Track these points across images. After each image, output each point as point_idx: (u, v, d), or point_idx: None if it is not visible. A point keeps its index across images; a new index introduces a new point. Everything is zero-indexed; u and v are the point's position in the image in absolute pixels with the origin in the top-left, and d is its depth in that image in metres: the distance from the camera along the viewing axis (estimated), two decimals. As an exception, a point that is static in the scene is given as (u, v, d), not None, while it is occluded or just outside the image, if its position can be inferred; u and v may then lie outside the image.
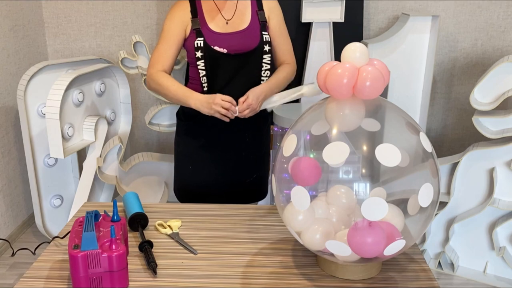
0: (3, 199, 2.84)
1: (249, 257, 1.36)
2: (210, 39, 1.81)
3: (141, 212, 1.49)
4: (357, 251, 1.12)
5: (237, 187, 1.99)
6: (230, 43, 1.82)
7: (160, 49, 1.86)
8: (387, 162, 1.09)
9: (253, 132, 1.99)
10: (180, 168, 2.05)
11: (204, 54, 1.81)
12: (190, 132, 1.98)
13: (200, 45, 1.81)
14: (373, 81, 1.14)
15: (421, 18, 2.77)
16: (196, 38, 1.81)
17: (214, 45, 1.81)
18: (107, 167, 2.71)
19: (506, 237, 2.48)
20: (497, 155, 2.40)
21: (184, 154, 2.02)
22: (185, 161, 2.02)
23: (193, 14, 1.84)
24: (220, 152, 1.96)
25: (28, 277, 1.28)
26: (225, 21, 1.84)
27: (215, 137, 1.94)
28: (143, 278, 1.27)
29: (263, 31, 1.86)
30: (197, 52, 1.81)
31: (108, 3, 3.17)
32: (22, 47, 3.00)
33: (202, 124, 1.92)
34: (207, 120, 1.85)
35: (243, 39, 1.83)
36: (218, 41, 1.82)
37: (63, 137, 2.44)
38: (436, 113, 3.23)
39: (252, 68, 1.86)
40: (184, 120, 1.99)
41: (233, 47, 1.82)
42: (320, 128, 1.21)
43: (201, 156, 1.97)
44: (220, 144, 1.95)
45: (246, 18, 1.86)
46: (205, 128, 1.93)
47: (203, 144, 1.96)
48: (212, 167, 1.97)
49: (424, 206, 1.14)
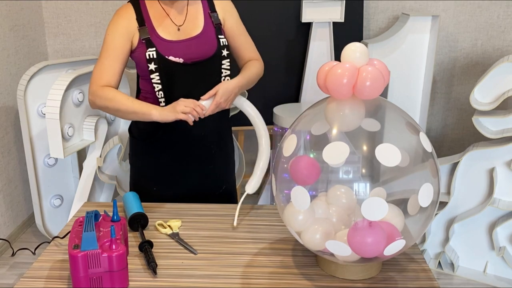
0: (3, 199, 2.84)
1: (249, 257, 1.36)
2: (163, 48, 1.62)
3: (141, 212, 1.49)
4: (357, 251, 1.12)
5: (206, 201, 1.75)
6: (185, 51, 1.64)
7: (104, 64, 1.63)
8: (387, 162, 1.09)
9: (218, 142, 1.81)
10: (141, 189, 1.78)
11: (158, 66, 1.62)
12: (149, 151, 1.77)
13: (153, 56, 1.61)
14: (373, 81, 1.14)
15: (421, 18, 2.77)
16: (146, 49, 1.61)
17: (169, 55, 1.62)
18: (107, 167, 2.71)
19: (506, 237, 2.48)
20: (497, 155, 2.40)
21: (144, 175, 1.81)
22: (146, 183, 1.80)
23: (140, 22, 1.63)
24: (186, 168, 1.77)
25: (28, 277, 1.28)
26: (176, 27, 1.66)
27: (179, 153, 1.75)
28: (143, 278, 1.27)
29: (218, 34, 1.69)
30: (150, 64, 1.62)
31: (108, 3, 3.17)
32: (22, 47, 3.00)
33: (162, 141, 1.73)
34: (167, 136, 1.70)
35: (198, 46, 1.66)
36: (172, 50, 1.63)
37: (63, 137, 2.44)
38: (436, 113, 3.23)
39: (212, 76, 1.69)
40: (140, 139, 1.78)
41: (189, 55, 1.64)
42: (320, 128, 1.21)
43: (165, 175, 1.78)
44: (186, 159, 1.76)
45: (198, 23, 1.68)
46: (166, 144, 1.74)
47: (166, 162, 1.76)
48: (179, 185, 1.79)
49: (424, 206, 1.14)
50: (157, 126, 1.66)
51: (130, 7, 1.65)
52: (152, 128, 1.68)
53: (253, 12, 2.84)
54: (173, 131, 1.70)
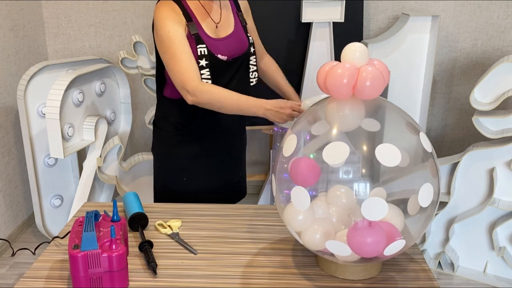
0: (3, 199, 2.84)
1: (249, 257, 1.36)
2: (211, 46, 1.67)
3: (141, 212, 1.49)
4: (357, 251, 1.12)
5: (225, 188, 1.92)
6: (228, 49, 1.71)
7: (184, 59, 1.61)
8: (387, 162, 1.09)
9: (239, 131, 1.93)
10: (171, 180, 1.89)
11: (208, 62, 1.65)
12: (184, 142, 1.83)
13: (204, 53, 1.64)
14: (373, 81, 1.14)
15: (421, 18, 2.77)
16: (197, 45, 1.64)
17: (217, 53, 1.67)
18: (107, 167, 2.71)
19: (506, 237, 2.48)
20: (497, 155, 2.40)
21: (177, 166, 1.87)
22: (178, 174, 1.87)
23: (187, 17, 1.65)
24: (214, 158, 1.87)
25: (28, 277, 1.28)
26: (215, 25, 1.71)
27: (211, 144, 1.84)
28: (143, 278, 1.27)
29: (246, 33, 1.79)
30: (201, 61, 1.64)
31: (108, 3, 3.17)
32: (22, 47, 3.00)
33: (193, 132, 1.80)
34: (198, 128, 1.78)
35: (236, 44, 1.74)
36: (219, 48, 1.69)
37: (63, 137, 2.44)
38: (436, 113, 3.23)
39: (244, 72, 1.78)
40: (170, 131, 1.83)
41: (231, 53, 1.71)
42: (320, 128, 1.21)
43: (196, 165, 1.86)
44: (213, 149, 1.86)
45: (230, 21, 1.76)
46: (196, 136, 1.81)
47: (196, 152, 1.84)
48: (205, 174, 1.88)
49: (424, 206, 1.14)
50: (189, 118, 1.75)
51: (173, 3, 1.65)
52: (183, 121, 1.75)
53: (253, 12, 2.83)
54: (204, 122, 1.77)
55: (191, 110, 1.72)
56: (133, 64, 2.72)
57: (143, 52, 2.71)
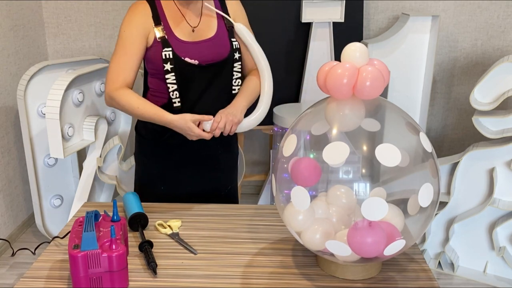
0: (3, 199, 2.84)
1: (249, 257, 1.36)
2: (179, 49, 1.61)
3: (141, 212, 1.49)
4: (357, 251, 1.12)
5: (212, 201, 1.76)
6: (201, 53, 1.64)
7: (120, 61, 1.60)
8: (387, 162, 1.09)
9: (224, 144, 1.80)
10: (147, 187, 1.82)
11: (174, 66, 1.60)
12: (157, 150, 1.77)
13: (169, 56, 1.60)
14: (373, 81, 1.14)
15: (421, 18, 2.77)
16: (162, 48, 1.60)
17: (185, 56, 1.61)
18: (107, 167, 2.71)
19: (506, 237, 2.48)
20: (497, 155, 2.40)
21: (151, 174, 1.81)
22: (153, 182, 1.80)
23: (156, 20, 1.61)
24: (193, 168, 1.78)
25: (28, 277, 1.28)
26: (191, 29, 1.65)
27: (186, 154, 1.75)
28: (143, 278, 1.27)
29: (231, 37, 1.69)
30: (166, 64, 1.60)
31: (108, 3, 3.17)
32: (22, 47, 3.00)
33: (170, 141, 1.73)
34: (175, 137, 1.66)
35: (213, 48, 1.66)
36: (188, 52, 1.62)
37: (63, 137, 2.44)
38: (436, 113, 3.23)
39: (224, 78, 1.69)
40: (147, 138, 1.78)
41: (204, 58, 1.64)
42: (320, 128, 1.21)
43: (172, 175, 1.78)
44: (193, 160, 1.76)
45: (212, 25, 1.68)
46: (174, 145, 1.73)
47: (174, 162, 1.76)
48: (185, 185, 1.79)
49: (424, 206, 1.14)
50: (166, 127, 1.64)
51: (145, 4, 1.63)
52: (161, 128, 1.66)
53: (253, 12, 2.83)
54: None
55: None
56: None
57: (143, 52, 2.71)
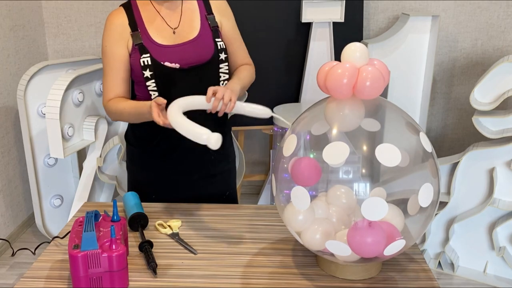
0: (3, 199, 2.84)
1: (249, 257, 1.36)
2: (157, 54, 1.55)
3: (141, 212, 1.49)
4: (357, 251, 1.12)
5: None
6: (181, 56, 1.57)
7: (107, 78, 1.58)
8: (387, 162, 1.09)
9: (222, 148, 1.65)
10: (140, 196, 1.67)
11: (153, 72, 1.55)
12: (147, 158, 1.71)
13: (147, 63, 1.54)
14: (373, 81, 1.14)
15: (421, 18, 2.77)
16: (140, 55, 1.54)
17: (164, 60, 1.55)
18: (107, 167, 2.71)
19: (506, 237, 2.48)
20: (497, 155, 2.40)
21: (142, 183, 1.75)
22: (145, 190, 1.70)
23: (132, 26, 1.56)
24: (186, 175, 1.71)
25: (28, 277, 1.28)
26: (172, 30, 1.59)
27: (177, 161, 1.69)
28: (143, 278, 1.27)
29: (216, 37, 1.61)
30: (145, 71, 1.55)
31: (108, 3, 3.17)
32: (22, 47, 3.00)
33: (159, 148, 1.67)
34: (164, 143, 1.63)
35: (195, 50, 1.59)
36: (168, 56, 1.56)
37: (63, 137, 2.44)
38: (436, 113, 3.23)
39: (210, 80, 1.60)
40: (136, 146, 1.72)
41: (186, 60, 1.58)
42: (320, 128, 1.21)
43: (164, 183, 1.72)
44: (185, 166, 1.70)
45: (195, 25, 1.61)
46: (164, 152, 1.67)
47: (165, 170, 1.70)
48: (179, 193, 1.72)
49: (424, 206, 1.14)
50: (153, 133, 1.62)
51: (121, 11, 1.59)
52: (148, 135, 1.64)
53: (253, 12, 2.84)
54: (170, 138, 1.60)
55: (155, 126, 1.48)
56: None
57: (143, 52, 2.71)
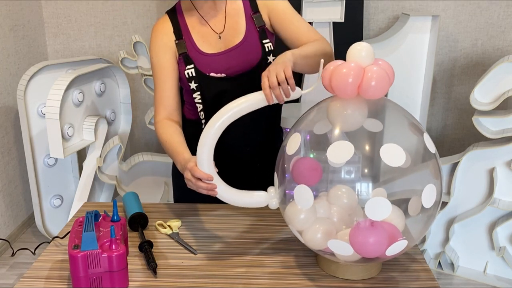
0: (3, 199, 2.83)
1: (250, 257, 1.36)
2: (202, 64, 1.48)
3: (141, 212, 1.49)
4: (359, 251, 1.12)
5: None
6: (227, 64, 1.48)
7: (158, 90, 1.51)
8: (391, 163, 1.09)
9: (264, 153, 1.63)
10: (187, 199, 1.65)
11: (199, 84, 1.48)
12: None
13: (192, 74, 1.47)
14: (378, 81, 1.14)
15: (421, 18, 2.77)
16: (185, 66, 1.48)
17: (209, 71, 1.48)
18: (107, 167, 2.71)
19: (506, 237, 2.48)
20: (497, 155, 2.40)
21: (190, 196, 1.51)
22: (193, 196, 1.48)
23: (177, 34, 1.49)
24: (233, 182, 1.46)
25: (28, 277, 1.28)
26: (217, 36, 1.50)
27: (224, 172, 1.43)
28: (143, 278, 1.27)
29: (263, 39, 1.50)
30: (191, 84, 1.48)
31: (108, 3, 3.16)
32: (22, 47, 3.00)
33: None
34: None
35: (241, 56, 1.49)
36: (213, 66, 1.48)
37: (63, 137, 2.44)
38: (436, 113, 3.23)
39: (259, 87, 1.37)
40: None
41: (232, 69, 1.49)
42: (322, 128, 1.21)
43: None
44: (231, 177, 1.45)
45: (240, 28, 1.50)
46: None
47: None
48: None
49: (427, 207, 1.14)
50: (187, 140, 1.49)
51: (166, 19, 1.52)
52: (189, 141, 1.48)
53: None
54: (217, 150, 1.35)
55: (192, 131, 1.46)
56: (133, 64, 2.72)
57: (143, 52, 2.71)
